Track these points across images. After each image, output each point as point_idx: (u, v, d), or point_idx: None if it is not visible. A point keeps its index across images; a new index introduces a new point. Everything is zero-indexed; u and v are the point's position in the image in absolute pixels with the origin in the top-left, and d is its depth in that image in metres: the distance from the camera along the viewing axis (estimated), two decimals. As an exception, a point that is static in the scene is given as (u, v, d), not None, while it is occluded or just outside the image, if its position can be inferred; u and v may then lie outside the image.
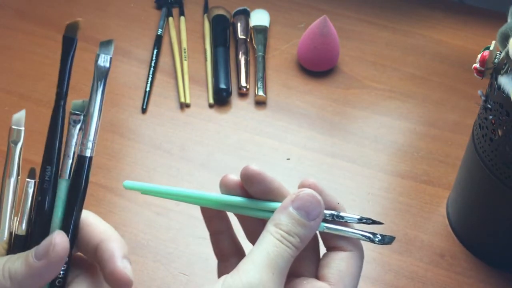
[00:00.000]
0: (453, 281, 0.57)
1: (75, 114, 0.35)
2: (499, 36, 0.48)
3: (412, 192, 0.65)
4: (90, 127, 0.35)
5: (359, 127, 0.71)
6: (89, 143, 0.35)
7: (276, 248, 0.35)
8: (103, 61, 0.36)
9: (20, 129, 0.35)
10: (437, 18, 0.87)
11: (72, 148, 0.35)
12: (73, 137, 0.35)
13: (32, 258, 0.34)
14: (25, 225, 0.36)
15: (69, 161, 0.35)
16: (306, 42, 0.76)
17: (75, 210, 0.36)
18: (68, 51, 0.35)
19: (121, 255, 0.36)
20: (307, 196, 0.36)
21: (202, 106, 0.73)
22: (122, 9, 0.86)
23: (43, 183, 0.35)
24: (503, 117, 0.49)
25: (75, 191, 0.35)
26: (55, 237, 0.34)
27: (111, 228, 0.38)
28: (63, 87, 0.35)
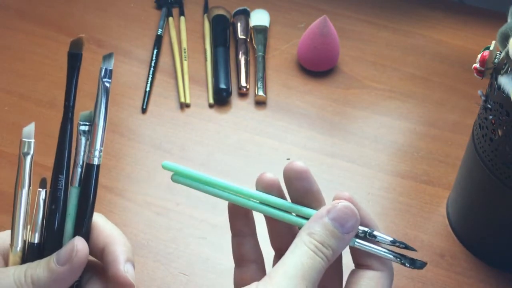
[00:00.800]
0: (453, 281, 0.57)
1: (82, 125, 0.38)
2: (499, 36, 0.48)
3: (412, 192, 0.65)
4: (96, 137, 0.37)
5: (359, 127, 0.71)
6: (96, 151, 0.37)
7: (310, 259, 0.34)
8: (106, 75, 0.39)
9: (31, 141, 0.37)
10: (437, 18, 0.87)
11: (81, 157, 0.37)
12: (81, 147, 0.37)
13: (54, 263, 0.35)
14: (38, 233, 0.37)
15: (79, 169, 0.37)
16: (306, 42, 0.76)
17: (86, 216, 0.37)
18: (74, 66, 0.37)
19: (125, 258, 0.37)
20: (344, 208, 0.36)
21: (202, 106, 0.73)
22: (122, 9, 0.86)
23: (56, 192, 0.37)
24: (503, 117, 0.49)
25: (86, 198, 0.37)
26: (76, 243, 0.36)
27: (117, 231, 0.39)
28: (70, 100, 0.38)
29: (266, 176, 0.39)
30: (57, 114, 0.71)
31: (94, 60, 0.78)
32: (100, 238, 0.38)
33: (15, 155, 0.66)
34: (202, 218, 0.61)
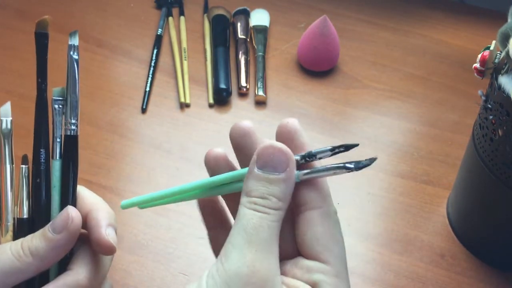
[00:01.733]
0: (453, 281, 0.57)
1: (56, 100, 0.39)
2: (499, 36, 0.48)
3: (412, 192, 0.65)
4: (70, 109, 0.38)
5: (359, 127, 0.71)
6: (71, 124, 0.38)
7: (252, 220, 0.31)
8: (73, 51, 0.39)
9: (8, 119, 0.39)
10: (437, 18, 0.87)
11: (59, 131, 0.38)
12: (58, 121, 0.38)
13: (51, 233, 0.36)
14: (26, 209, 0.38)
15: (58, 142, 0.38)
16: (306, 42, 0.76)
17: (71, 187, 0.38)
18: (43, 44, 0.38)
19: (107, 223, 0.38)
20: (267, 150, 0.33)
21: (202, 106, 0.73)
22: (122, 9, 0.86)
23: (39, 166, 0.38)
24: (503, 117, 0.49)
25: (68, 169, 0.38)
26: (70, 211, 0.36)
27: (100, 199, 0.40)
28: (43, 77, 0.39)
29: (212, 152, 0.37)
30: (57, 114, 0.71)
31: (94, 60, 0.78)
32: (83, 206, 0.39)
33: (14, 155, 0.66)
34: (202, 218, 0.61)
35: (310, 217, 0.34)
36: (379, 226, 0.62)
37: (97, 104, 0.72)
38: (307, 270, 0.32)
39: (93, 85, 0.74)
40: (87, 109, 0.71)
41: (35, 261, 0.36)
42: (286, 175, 0.33)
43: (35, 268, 0.36)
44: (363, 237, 0.60)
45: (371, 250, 0.59)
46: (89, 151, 0.67)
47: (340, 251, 0.33)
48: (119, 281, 0.56)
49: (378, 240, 0.60)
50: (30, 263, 0.35)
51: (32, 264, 0.35)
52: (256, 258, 0.31)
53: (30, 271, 0.36)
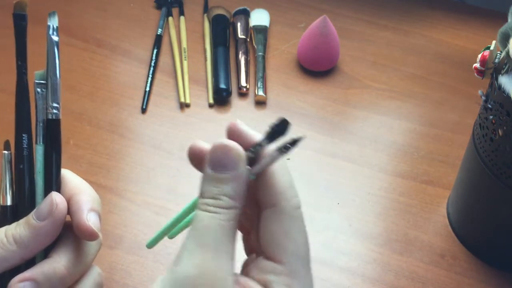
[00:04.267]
0: (453, 281, 0.57)
1: (39, 84, 0.38)
2: (500, 36, 0.48)
3: (412, 192, 0.65)
4: (52, 92, 0.38)
5: (359, 127, 0.71)
6: (53, 108, 0.37)
7: (202, 221, 0.31)
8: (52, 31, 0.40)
9: None
10: (437, 18, 0.87)
11: (41, 114, 0.38)
12: (40, 104, 0.38)
13: (35, 220, 0.35)
14: (9, 196, 0.37)
15: (41, 127, 0.37)
16: (306, 42, 0.76)
17: (55, 172, 0.37)
18: (22, 26, 0.39)
19: (89, 208, 0.36)
20: (216, 149, 0.32)
21: (202, 106, 0.73)
22: (122, 9, 0.86)
23: (21, 151, 0.37)
24: (503, 117, 0.49)
25: (51, 154, 0.37)
26: (55, 197, 0.35)
27: (84, 183, 0.38)
28: (23, 59, 0.39)
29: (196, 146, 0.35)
30: (57, 114, 0.71)
31: (94, 60, 0.78)
32: (66, 190, 0.38)
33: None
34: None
35: (265, 216, 0.33)
36: (379, 226, 0.62)
37: (97, 104, 0.72)
38: (261, 270, 0.32)
39: (93, 85, 0.74)
40: (87, 109, 0.71)
41: (19, 249, 0.35)
42: (235, 173, 0.32)
43: (19, 257, 0.35)
44: (363, 237, 0.60)
45: (371, 250, 0.59)
46: (89, 151, 0.66)
47: (296, 249, 0.33)
48: (119, 281, 0.56)
49: (378, 240, 0.60)
50: (14, 251, 0.35)
51: (16, 252, 0.35)
52: (205, 258, 0.30)
53: (14, 259, 0.35)
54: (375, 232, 0.61)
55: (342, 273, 0.57)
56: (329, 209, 0.63)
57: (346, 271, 0.58)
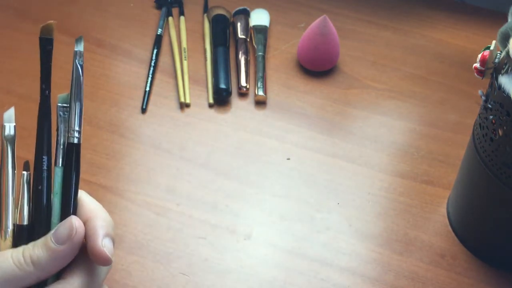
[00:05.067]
0: (453, 281, 0.57)
1: (61, 106, 0.39)
2: (500, 35, 0.48)
3: (412, 192, 0.65)
4: (74, 117, 0.38)
5: (359, 127, 0.71)
6: (74, 131, 0.38)
7: None
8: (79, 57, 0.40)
9: (12, 124, 0.38)
10: (437, 17, 0.87)
11: (62, 138, 0.38)
12: (61, 127, 0.38)
13: (53, 243, 0.36)
14: (26, 215, 0.38)
15: (61, 149, 0.38)
16: (306, 42, 0.76)
17: (73, 194, 0.38)
18: (48, 50, 0.39)
19: (104, 233, 0.37)
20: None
21: (202, 106, 0.73)
22: (122, 9, 0.86)
23: (41, 173, 0.38)
24: (503, 117, 0.49)
25: (70, 176, 0.38)
26: (74, 221, 0.36)
27: (99, 207, 0.39)
28: (47, 82, 0.39)
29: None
30: (57, 114, 0.71)
31: (94, 60, 0.78)
32: (82, 212, 0.38)
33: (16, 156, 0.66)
34: (202, 218, 0.61)
35: None
36: (379, 226, 0.62)
37: (97, 104, 0.72)
38: None
39: (93, 85, 0.74)
40: (87, 109, 0.71)
41: (36, 271, 0.35)
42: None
43: (36, 277, 0.36)
44: (363, 237, 0.60)
45: (371, 250, 0.59)
46: (89, 151, 0.67)
47: None
48: (119, 281, 0.56)
49: (378, 240, 0.60)
50: (31, 272, 0.35)
51: (32, 273, 0.35)
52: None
53: (30, 279, 0.36)
54: (375, 232, 0.61)
55: (342, 273, 0.58)
56: (329, 209, 0.63)
57: (346, 271, 0.58)
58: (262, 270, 0.58)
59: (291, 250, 0.59)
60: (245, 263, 0.58)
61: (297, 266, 0.58)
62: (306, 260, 0.58)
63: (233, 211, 0.62)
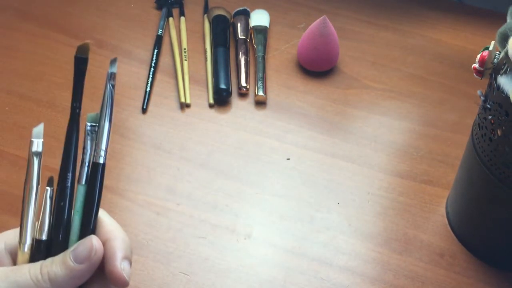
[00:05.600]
0: (453, 281, 0.58)
1: (90, 126, 0.39)
2: (498, 36, 0.48)
3: (411, 192, 0.65)
4: (102, 137, 0.38)
5: (359, 127, 0.71)
6: (101, 151, 0.38)
7: None
8: (112, 79, 0.40)
9: (40, 140, 0.38)
10: (436, 18, 0.87)
11: (88, 156, 0.38)
12: (88, 146, 0.38)
13: (72, 262, 0.36)
14: (45, 231, 0.38)
15: (86, 168, 0.38)
16: (306, 42, 0.76)
17: (93, 213, 0.38)
18: (81, 69, 0.39)
19: (122, 255, 0.38)
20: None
21: (202, 106, 0.73)
22: (122, 10, 0.86)
23: (64, 189, 0.38)
24: (502, 117, 0.49)
25: (92, 195, 0.38)
26: (94, 242, 0.37)
27: (118, 227, 0.39)
28: (77, 101, 0.40)
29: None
30: (57, 114, 0.71)
31: (94, 60, 0.78)
32: (101, 233, 0.39)
33: (15, 155, 0.66)
34: (202, 218, 0.61)
35: None
36: (378, 226, 0.62)
37: (98, 104, 0.71)
38: None
39: (94, 85, 0.74)
40: (88, 110, 0.71)
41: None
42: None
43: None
44: (362, 236, 0.61)
45: (370, 250, 0.60)
46: (90, 151, 0.67)
47: None
48: (119, 281, 0.56)
49: (378, 240, 0.60)
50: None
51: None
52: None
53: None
54: (375, 231, 0.61)
55: (342, 273, 0.58)
56: (329, 209, 0.63)
57: (346, 271, 0.58)
58: (262, 270, 0.58)
59: (291, 249, 0.59)
60: (245, 263, 0.58)
61: (297, 266, 0.58)
62: (306, 259, 0.59)
63: (233, 211, 0.62)
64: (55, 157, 0.66)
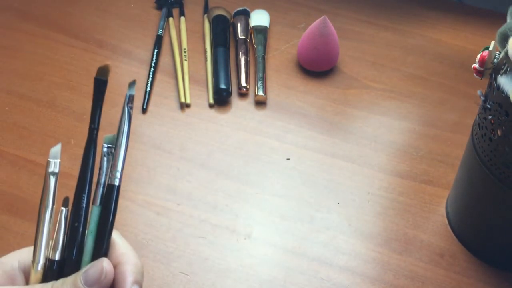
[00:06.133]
0: (453, 281, 0.58)
1: (107, 147, 0.39)
2: (498, 36, 0.48)
3: (411, 192, 0.65)
4: (118, 159, 0.38)
5: (358, 127, 0.71)
6: (117, 173, 0.38)
7: None
8: (130, 102, 0.40)
9: (57, 161, 0.38)
10: (436, 18, 0.87)
11: (103, 178, 0.38)
12: (104, 168, 0.38)
13: (82, 284, 0.36)
14: (59, 251, 0.38)
15: (101, 189, 0.38)
16: (306, 42, 0.76)
17: (107, 235, 0.38)
18: (100, 91, 0.40)
19: (132, 280, 0.38)
20: None
21: (202, 106, 0.73)
22: (122, 10, 0.86)
23: (79, 210, 0.38)
24: (502, 117, 0.49)
25: (107, 217, 0.38)
26: (105, 265, 0.37)
27: (131, 251, 0.40)
28: (95, 123, 0.40)
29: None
30: (57, 114, 0.71)
31: (94, 60, 0.78)
32: (114, 256, 0.39)
33: (15, 155, 0.66)
34: (202, 218, 0.62)
35: None
36: (378, 226, 0.62)
37: (98, 104, 0.72)
38: None
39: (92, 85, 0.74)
40: (88, 109, 0.71)
41: None
42: None
43: None
44: (362, 236, 0.61)
45: (370, 250, 0.60)
46: (90, 151, 0.67)
47: None
48: (119, 281, 0.56)
49: (378, 240, 0.60)
50: None
51: None
52: None
53: None
54: (375, 231, 0.61)
55: (342, 273, 0.58)
56: (329, 209, 0.63)
57: (346, 271, 0.58)
58: (262, 270, 0.58)
59: (291, 249, 0.59)
60: (245, 263, 0.58)
61: (297, 266, 0.58)
62: (306, 259, 0.59)
63: (233, 211, 0.62)
64: (55, 157, 0.66)
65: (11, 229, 0.60)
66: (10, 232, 0.59)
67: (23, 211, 0.61)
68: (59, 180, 0.37)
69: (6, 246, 0.58)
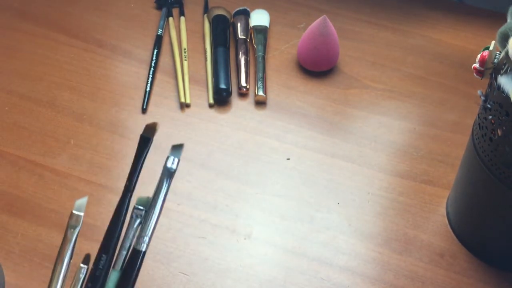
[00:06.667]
0: (453, 281, 0.58)
1: (138, 209, 0.37)
2: (499, 36, 0.48)
3: (411, 192, 0.65)
4: (149, 223, 0.36)
5: (358, 127, 0.71)
6: (146, 238, 0.36)
7: None
8: (171, 163, 0.39)
9: (80, 214, 0.36)
10: (436, 18, 0.87)
11: (129, 241, 0.36)
12: (132, 231, 0.36)
13: None
14: None
15: (124, 253, 0.36)
16: (306, 42, 0.76)
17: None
18: (143, 149, 0.38)
19: None
20: None
21: (202, 106, 0.73)
22: (122, 9, 0.86)
23: (95, 270, 0.36)
24: (502, 117, 0.49)
25: (127, 283, 0.36)
26: None
27: None
28: (133, 181, 0.37)
29: None
30: (57, 114, 0.71)
31: (94, 61, 0.78)
32: None
33: (15, 155, 0.66)
34: (202, 218, 0.61)
35: None
36: (378, 226, 0.62)
37: (98, 104, 0.72)
38: None
39: (94, 85, 0.75)
40: (88, 109, 0.71)
41: None
42: None
43: None
44: (362, 236, 0.61)
45: (370, 250, 0.60)
46: (90, 151, 0.67)
47: None
48: (119, 281, 0.56)
49: (378, 240, 0.60)
50: None
51: None
52: None
53: None
54: (375, 231, 0.61)
55: (342, 273, 0.58)
56: (329, 209, 0.63)
57: (346, 271, 0.58)
58: (262, 270, 0.58)
59: (291, 249, 0.59)
60: (245, 263, 0.58)
61: (297, 266, 0.58)
62: (306, 259, 0.59)
63: (233, 211, 0.62)
64: (54, 157, 0.66)
65: (11, 229, 0.60)
66: (10, 232, 0.59)
67: (23, 211, 0.61)
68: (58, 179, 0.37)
69: (6, 246, 0.58)
